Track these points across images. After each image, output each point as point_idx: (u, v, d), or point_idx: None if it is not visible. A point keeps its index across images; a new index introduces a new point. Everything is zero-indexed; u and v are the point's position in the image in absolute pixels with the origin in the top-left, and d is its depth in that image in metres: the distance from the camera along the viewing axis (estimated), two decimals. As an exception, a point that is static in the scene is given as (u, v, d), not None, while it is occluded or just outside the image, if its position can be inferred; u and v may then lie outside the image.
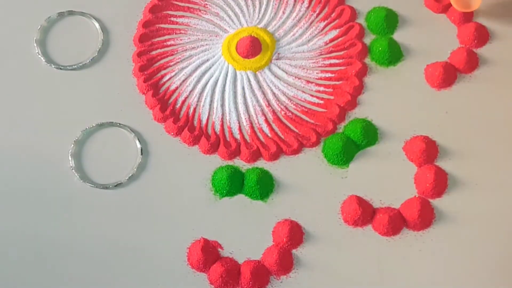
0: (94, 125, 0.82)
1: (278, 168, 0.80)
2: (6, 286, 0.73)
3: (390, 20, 0.88)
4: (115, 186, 0.78)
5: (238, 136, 0.82)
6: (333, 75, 0.85)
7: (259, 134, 0.82)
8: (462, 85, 0.84)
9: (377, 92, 0.84)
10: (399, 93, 0.84)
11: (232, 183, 0.78)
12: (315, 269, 0.74)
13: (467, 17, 0.87)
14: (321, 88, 0.84)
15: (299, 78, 0.85)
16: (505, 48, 0.86)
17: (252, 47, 0.85)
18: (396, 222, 0.76)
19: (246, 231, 0.76)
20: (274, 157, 0.80)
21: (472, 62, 0.84)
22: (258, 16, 0.89)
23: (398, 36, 0.87)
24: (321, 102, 0.84)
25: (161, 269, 0.74)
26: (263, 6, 0.90)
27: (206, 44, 0.88)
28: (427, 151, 0.79)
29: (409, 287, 0.73)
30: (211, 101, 0.84)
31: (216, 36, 0.88)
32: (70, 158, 0.80)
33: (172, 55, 0.87)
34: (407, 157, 0.80)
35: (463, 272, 0.74)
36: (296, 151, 0.81)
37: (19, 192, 0.78)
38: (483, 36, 0.86)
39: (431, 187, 0.77)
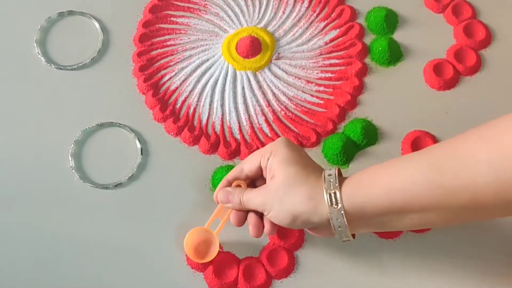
0: (94, 125, 0.82)
1: (278, 168, 0.79)
2: (6, 285, 0.73)
3: (390, 20, 0.88)
4: (115, 186, 0.78)
5: (238, 136, 0.81)
6: (333, 75, 0.85)
7: (259, 134, 0.82)
8: (463, 86, 0.84)
9: (377, 92, 0.84)
10: (399, 93, 0.84)
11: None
12: (315, 269, 0.74)
13: None
14: (321, 88, 0.84)
15: (299, 78, 0.85)
16: (507, 49, 0.86)
17: (252, 47, 0.85)
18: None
19: (246, 231, 0.76)
20: (274, 157, 0.80)
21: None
22: (258, 16, 0.89)
23: (398, 36, 0.87)
24: (321, 102, 0.84)
25: (161, 269, 0.74)
26: (263, 6, 0.90)
27: (206, 44, 0.88)
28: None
29: (409, 287, 0.73)
30: (211, 101, 0.84)
31: (216, 36, 0.88)
32: (70, 158, 0.80)
33: (172, 55, 0.87)
34: (407, 157, 0.80)
35: (463, 273, 0.74)
36: (296, 151, 0.80)
37: (19, 192, 0.78)
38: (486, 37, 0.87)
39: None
